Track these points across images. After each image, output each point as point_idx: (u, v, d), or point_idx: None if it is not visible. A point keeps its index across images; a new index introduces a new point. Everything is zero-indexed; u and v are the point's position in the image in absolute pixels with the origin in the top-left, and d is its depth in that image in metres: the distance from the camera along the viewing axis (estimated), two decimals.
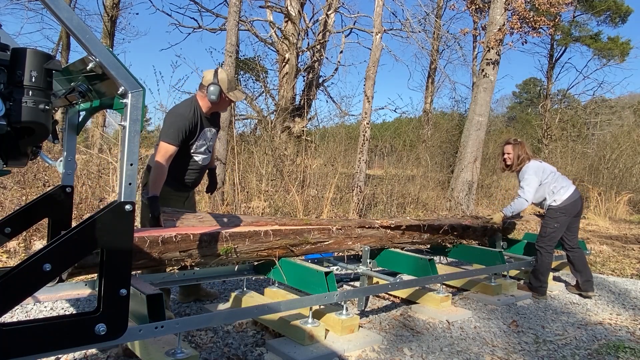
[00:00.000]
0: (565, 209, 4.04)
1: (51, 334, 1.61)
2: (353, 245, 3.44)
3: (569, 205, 4.04)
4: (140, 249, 2.33)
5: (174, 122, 2.95)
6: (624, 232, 8.94)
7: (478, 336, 3.04)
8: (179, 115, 2.98)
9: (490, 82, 9.76)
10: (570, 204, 4.05)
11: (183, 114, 2.98)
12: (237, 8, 7.46)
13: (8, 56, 1.54)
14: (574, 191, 4.11)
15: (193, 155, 3.11)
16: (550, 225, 4.08)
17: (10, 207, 4.77)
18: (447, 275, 3.75)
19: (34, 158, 1.83)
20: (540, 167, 4.12)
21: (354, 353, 2.60)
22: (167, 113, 3.14)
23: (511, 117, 30.24)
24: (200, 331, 2.81)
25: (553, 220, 4.07)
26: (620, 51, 21.05)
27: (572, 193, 4.08)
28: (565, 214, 4.05)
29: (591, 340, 3.10)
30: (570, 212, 4.06)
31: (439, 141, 13.35)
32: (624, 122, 19.98)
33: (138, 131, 1.71)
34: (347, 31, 13.86)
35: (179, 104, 3.14)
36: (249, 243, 2.79)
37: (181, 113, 2.99)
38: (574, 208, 4.09)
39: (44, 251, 1.57)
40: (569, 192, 4.07)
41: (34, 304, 3.12)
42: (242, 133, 10.55)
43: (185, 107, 3.03)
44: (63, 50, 13.68)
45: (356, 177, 8.60)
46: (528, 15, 9.90)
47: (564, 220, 4.06)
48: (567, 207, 4.04)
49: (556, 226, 4.06)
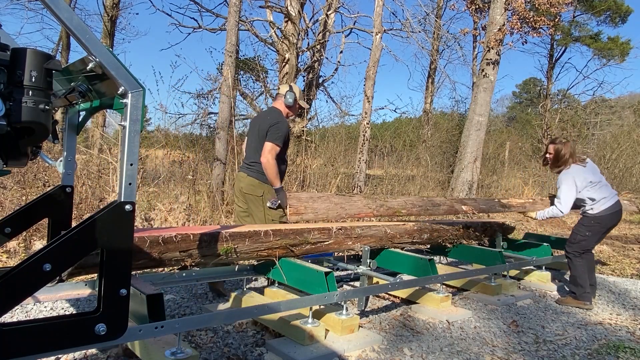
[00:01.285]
0: (601, 220, 3.84)
1: (51, 334, 1.61)
2: (353, 245, 3.44)
3: (606, 216, 3.83)
4: (140, 249, 2.33)
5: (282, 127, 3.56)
6: (624, 232, 8.93)
7: (478, 336, 3.04)
8: (283, 122, 3.61)
9: (490, 82, 9.76)
10: (607, 216, 3.83)
11: (284, 121, 3.64)
12: (237, 8, 7.46)
13: (8, 56, 1.54)
14: (614, 203, 3.87)
15: (285, 157, 3.75)
16: (582, 233, 3.89)
17: (10, 207, 4.77)
18: (447, 275, 3.75)
19: (34, 158, 1.83)
20: (579, 176, 3.85)
21: (354, 353, 2.60)
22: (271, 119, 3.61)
23: (511, 117, 30.25)
24: (200, 331, 2.81)
25: (585, 228, 3.87)
26: (620, 51, 21.07)
27: (612, 204, 3.85)
28: (601, 224, 3.84)
29: (591, 340, 3.10)
30: (606, 224, 3.86)
31: (439, 141, 13.36)
32: (624, 122, 19.99)
33: (138, 131, 1.71)
34: (347, 31, 13.86)
35: (273, 113, 3.71)
36: (249, 243, 2.79)
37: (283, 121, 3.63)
38: (611, 221, 3.88)
39: (44, 251, 1.57)
40: (609, 203, 3.83)
41: (34, 304, 3.12)
42: (242, 133, 10.55)
43: (281, 116, 3.68)
44: (63, 50, 13.67)
45: (356, 177, 8.60)
46: (528, 15, 9.91)
47: (597, 230, 3.85)
48: (603, 217, 3.83)
49: (588, 235, 3.86)
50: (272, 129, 3.52)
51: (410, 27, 12.67)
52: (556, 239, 5.15)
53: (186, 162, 7.76)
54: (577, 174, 3.87)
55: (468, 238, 4.49)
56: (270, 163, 3.44)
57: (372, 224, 3.82)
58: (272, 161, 3.45)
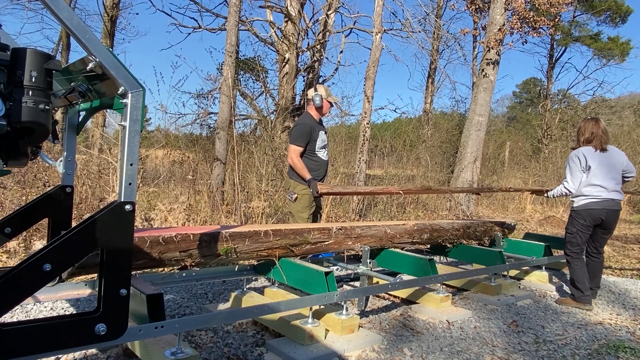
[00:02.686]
0: (580, 215, 3.71)
1: (51, 334, 1.61)
2: (353, 245, 3.44)
3: (583, 211, 3.70)
4: (140, 249, 2.33)
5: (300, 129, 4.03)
6: (624, 232, 8.93)
7: (478, 336, 3.04)
8: (301, 123, 4.07)
9: (490, 82, 9.76)
10: (585, 211, 3.68)
11: (304, 122, 4.08)
12: (237, 8, 7.46)
13: (8, 56, 1.54)
14: (602, 200, 3.65)
15: (317, 152, 4.13)
16: (569, 230, 3.82)
17: (10, 207, 4.77)
18: (447, 275, 3.75)
19: (34, 158, 1.83)
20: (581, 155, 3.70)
21: (354, 353, 2.60)
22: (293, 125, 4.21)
23: (511, 117, 30.23)
24: (200, 331, 2.81)
25: (570, 224, 3.82)
26: (620, 51, 21.06)
27: (598, 201, 3.64)
28: (584, 219, 3.69)
29: (591, 340, 3.10)
30: (586, 219, 3.70)
31: (439, 141, 13.35)
32: (624, 122, 19.98)
33: (138, 131, 1.71)
34: (347, 31, 13.86)
35: (300, 117, 4.29)
36: (249, 243, 2.79)
37: (303, 122, 4.09)
38: (592, 216, 3.69)
39: (44, 251, 1.57)
40: (595, 197, 3.64)
41: (34, 304, 3.12)
42: (242, 133, 10.56)
43: (304, 117, 4.16)
44: (63, 50, 13.67)
45: (356, 177, 8.60)
46: (528, 15, 9.90)
47: (582, 226, 3.72)
48: (581, 212, 3.70)
49: (574, 231, 3.76)
50: (292, 133, 4.10)
51: (410, 27, 12.67)
52: (556, 238, 5.15)
53: (186, 162, 7.76)
54: (579, 152, 3.75)
55: (468, 238, 4.49)
56: (294, 161, 3.98)
57: (372, 223, 3.83)
58: (295, 159, 3.97)
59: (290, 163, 4.02)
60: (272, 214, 6.54)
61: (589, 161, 3.70)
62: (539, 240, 4.99)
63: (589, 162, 3.70)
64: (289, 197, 4.07)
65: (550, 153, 15.72)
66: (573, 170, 3.74)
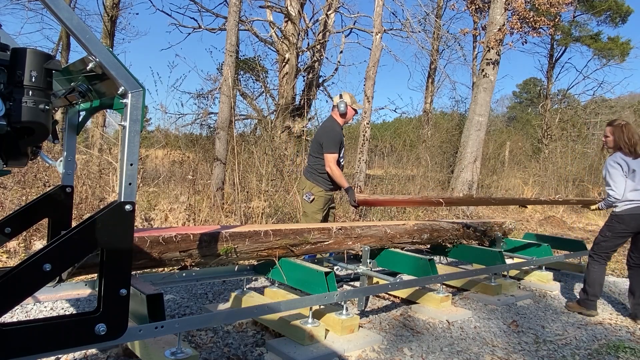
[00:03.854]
0: (623, 220, 3.54)
1: (51, 334, 1.61)
2: (353, 245, 3.44)
3: (627, 216, 3.52)
4: (140, 249, 2.33)
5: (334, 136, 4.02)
6: None
7: (478, 336, 3.04)
8: (334, 131, 4.05)
9: (490, 82, 9.76)
10: (630, 215, 3.52)
11: (336, 130, 4.08)
12: (237, 8, 7.46)
13: (8, 56, 1.54)
14: None
15: (340, 160, 4.14)
16: (603, 233, 3.66)
17: (10, 207, 4.77)
18: (447, 275, 3.75)
19: (34, 158, 1.83)
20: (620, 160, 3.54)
21: (354, 353, 2.60)
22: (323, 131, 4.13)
23: (511, 117, 30.23)
24: (200, 331, 2.81)
25: (606, 227, 3.65)
26: (620, 51, 21.06)
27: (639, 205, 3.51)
28: (623, 224, 3.55)
29: (591, 340, 3.10)
30: (629, 224, 3.54)
31: (439, 141, 13.34)
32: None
33: (138, 131, 1.71)
34: (347, 31, 13.87)
35: (327, 122, 4.21)
36: (249, 243, 2.79)
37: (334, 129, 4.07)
38: (636, 222, 3.52)
39: (44, 251, 1.57)
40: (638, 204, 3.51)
41: (34, 304, 3.12)
42: (242, 133, 10.55)
43: (334, 125, 4.12)
44: (63, 50, 13.66)
45: (356, 177, 8.60)
46: (528, 15, 9.90)
47: (620, 230, 3.56)
48: (624, 217, 3.53)
49: (608, 235, 3.62)
50: (325, 141, 4.03)
51: (410, 27, 12.68)
52: (556, 238, 5.15)
53: (186, 162, 7.76)
54: (616, 157, 3.59)
55: (468, 238, 4.49)
56: (333, 170, 3.98)
57: (372, 223, 3.83)
58: (334, 168, 3.98)
59: (329, 172, 4.00)
60: (272, 214, 6.54)
61: (631, 165, 3.55)
62: (539, 240, 5.00)
63: (631, 166, 3.55)
64: (306, 197, 4.10)
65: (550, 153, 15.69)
66: (615, 176, 3.55)
